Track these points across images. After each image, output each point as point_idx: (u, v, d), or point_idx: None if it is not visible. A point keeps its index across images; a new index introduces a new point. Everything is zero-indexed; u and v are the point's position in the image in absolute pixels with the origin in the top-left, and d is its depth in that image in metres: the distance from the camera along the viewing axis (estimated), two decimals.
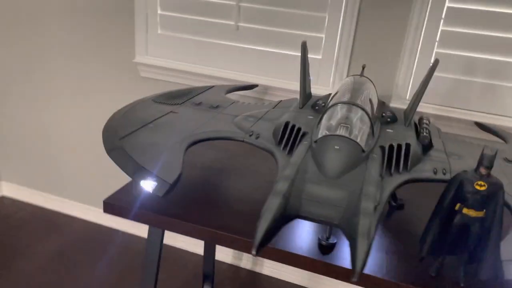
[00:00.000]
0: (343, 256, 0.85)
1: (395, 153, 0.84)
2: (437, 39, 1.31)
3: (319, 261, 0.83)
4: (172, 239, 1.88)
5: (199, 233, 0.87)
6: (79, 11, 1.69)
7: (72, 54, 1.77)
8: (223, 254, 1.84)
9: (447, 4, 1.28)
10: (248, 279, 1.76)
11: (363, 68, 1.15)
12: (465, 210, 0.78)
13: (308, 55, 1.06)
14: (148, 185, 0.71)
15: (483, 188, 0.77)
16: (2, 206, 2.06)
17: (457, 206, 0.78)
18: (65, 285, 1.61)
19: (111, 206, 0.93)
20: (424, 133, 0.91)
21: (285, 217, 0.65)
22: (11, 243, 1.81)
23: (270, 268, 1.79)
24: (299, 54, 1.34)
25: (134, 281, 1.64)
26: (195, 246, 1.86)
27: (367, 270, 0.80)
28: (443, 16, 1.29)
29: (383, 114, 0.98)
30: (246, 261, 1.82)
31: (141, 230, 1.93)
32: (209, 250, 1.62)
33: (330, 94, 1.02)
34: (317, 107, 0.98)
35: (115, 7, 1.64)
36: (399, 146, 0.85)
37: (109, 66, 1.74)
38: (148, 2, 1.58)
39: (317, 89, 1.40)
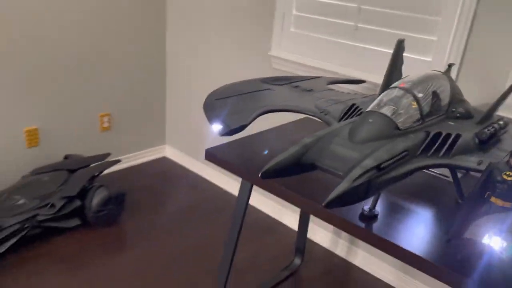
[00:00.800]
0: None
1: (441, 140, 0.90)
2: None
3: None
4: (279, 215, 2.12)
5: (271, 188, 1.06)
6: (234, 11, 2.06)
7: (223, 44, 2.15)
8: (321, 237, 1.98)
9: None
10: (339, 265, 1.87)
11: (449, 66, 1.19)
12: (493, 199, 0.81)
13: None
14: (216, 127, 0.95)
15: (510, 179, 0.79)
16: (162, 164, 2.61)
17: (486, 194, 0.81)
18: (188, 229, 2.00)
19: (210, 154, 1.22)
20: (486, 130, 0.94)
21: (300, 164, 0.81)
22: (161, 192, 2.30)
23: (363, 260, 1.86)
24: (412, 56, 1.43)
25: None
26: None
27: (406, 246, 0.87)
28: None
29: (453, 110, 1.03)
30: (341, 249, 1.93)
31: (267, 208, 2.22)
32: (303, 227, 1.80)
33: None
34: None
35: (260, 8, 1.95)
36: (448, 135, 0.91)
37: (248, 56, 2.06)
38: (286, 4, 1.84)
39: None
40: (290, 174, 0.81)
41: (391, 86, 0.97)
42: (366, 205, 1.01)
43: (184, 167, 2.57)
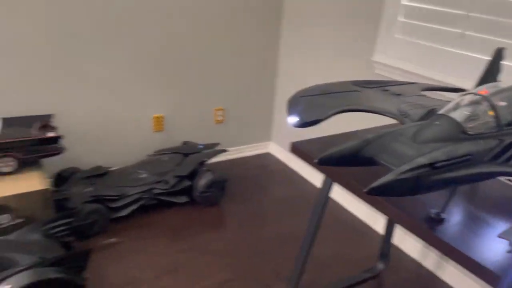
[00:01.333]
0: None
1: None
2: None
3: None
4: (372, 221, 2.13)
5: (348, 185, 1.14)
6: (340, 17, 2.14)
7: (328, 49, 2.24)
8: (410, 246, 1.95)
9: None
10: (425, 277, 1.83)
11: None
12: None
13: None
14: (291, 120, 1.06)
15: None
16: (265, 159, 2.80)
17: None
18: (280, 219, 2.14)
19: (294, 146, 1.33)
20: None
21: (359, 156, 0.87)
22: (260, 183, 2.48)
23: (452, 276, 1.78)
24: None
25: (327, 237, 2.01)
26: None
27: (467, 251, 0.88)
28: None
29: None
30: (430, 261, 1.88)
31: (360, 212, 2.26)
32: (389, 232, 1.80)
33: None
34: None
35: (366, 14, 2.00)
36: None
37: (351, 60, 2.12)
38: (393, 10, 1.86)
39: None
40: (346, 164, 0.89)
41: (470, 91, 0.98)
42: (434, 209, 1.03)
43: (285, 164, 2.72)
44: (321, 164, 0.86)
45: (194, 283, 1.68)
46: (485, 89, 1.00)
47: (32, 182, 1.73)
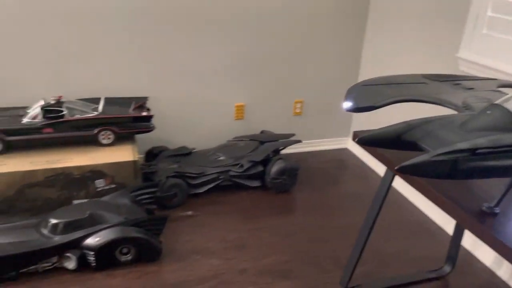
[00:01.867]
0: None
1: None
2: None
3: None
4: (444, 222, 2.05)
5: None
6: (425, 12, 2.08)
7: (412, 45, 2.19)
8: (484, 253, 1.85)
9: None
10: (497, 287, 1.73)
11: None
12: None
13: None
14: (346, 104, 1.11)
15: None
16: (342, 154, 2.81)
17: None
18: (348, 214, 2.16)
19: (355, 135, 1.37)
20: None
21: (401, 140, 0.90)
22: (333, 176, 2.52)
23: None
24: None
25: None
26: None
27: None
28: None
29: None
30: (504, 271, 1.77)
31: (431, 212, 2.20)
32: (457, 235, 1.73)
33: None
34: None
35: (451, 9, 1.93)
36: None
37: (434, 56, 2.06)
38: (482, 4, 1.78)
39: None
40: (388, 147, 0.92)
41: None
42: (487, 203, 1.01)
43: (362, 161, 2.71)
44: (360, 143, 0.90)
45: (258, 259, 1.80)
46: None
47: (125, 154, 1.98)
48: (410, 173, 0.79)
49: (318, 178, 2.47)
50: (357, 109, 1.10)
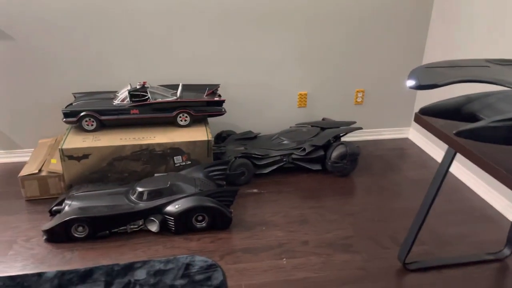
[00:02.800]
0: None
1: None
2: None
3: None
4: (506, 209, 2.07)
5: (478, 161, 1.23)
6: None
7: (474, 34, 2.21)
8: None
9: None
10: None
11: None
12: None
13: None
14: (409, 83, 1.21)
15: None
16: (403, 143, 2.86)
17: None
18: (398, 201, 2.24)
19: (418, 118, 1.46)
20: None
21: (461, 112, 1.00)
22: (393, 163, 2.58)
23: None
24: None
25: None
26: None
27: None
28: None
29: None
30: None
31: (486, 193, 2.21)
32: None
33: None
34: None
35: None
36: None
37: (501, 46, 2.07)
38: None
39: None
40: (448, 117, 1.02)
41: None
42: None
43: (423, 150, 2.75)
44: (422, 113, 1.01)
45: (318, 234, 1.93)
46: None
47: (200, 134, 2.19)
48: (468, 137, 0.89)
49: (378, 165, 2.55)
50: (420, 87, 1.20)
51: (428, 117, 1.41)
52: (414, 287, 1.65)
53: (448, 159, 1.53)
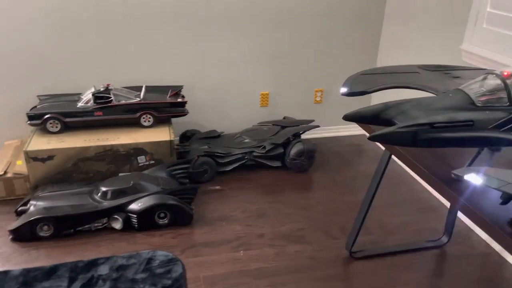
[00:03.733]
0: None
1: None
2: None
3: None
4: None
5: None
6: (432, 7, 2.26)
7: (422, 39, 2.38)
8: None
9: None
10: (490, 257, 1.92)
11: None
12: None
13: None
14: (342, 90, 1.34)
15: None
16: (358, 139, 3.02)
17: None
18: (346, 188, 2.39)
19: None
20: None
21: (379, 118, 1.13)
22: (348, 159, 2.74)
23: None
24: None
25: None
26: None
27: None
28: None
29: None
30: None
31: None
32: (453, 208, 1.93)
33: None
34: None
35: (455, 4, 2.11)
36: None
37: (440, 49, 2.24)
38: (482, 1, 1.95)
39: None
40: (368, 123, 1.15)
41: (496, 71, 1.15)
42: (456, 170, 1.23)
43: (378, 146, 2.91)
44: (346, 119, 1.14)
45: (275, 226, 2.07)
46: (508, 71, 1.16)
47: (163, 134, 2.29)
48: (380, 141, 1.02)
49: (334, 160, 2.70)
50: (350, 94, 1.34)
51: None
52: (358, 273, 1.81)
53: (386, 156, 1.68)
